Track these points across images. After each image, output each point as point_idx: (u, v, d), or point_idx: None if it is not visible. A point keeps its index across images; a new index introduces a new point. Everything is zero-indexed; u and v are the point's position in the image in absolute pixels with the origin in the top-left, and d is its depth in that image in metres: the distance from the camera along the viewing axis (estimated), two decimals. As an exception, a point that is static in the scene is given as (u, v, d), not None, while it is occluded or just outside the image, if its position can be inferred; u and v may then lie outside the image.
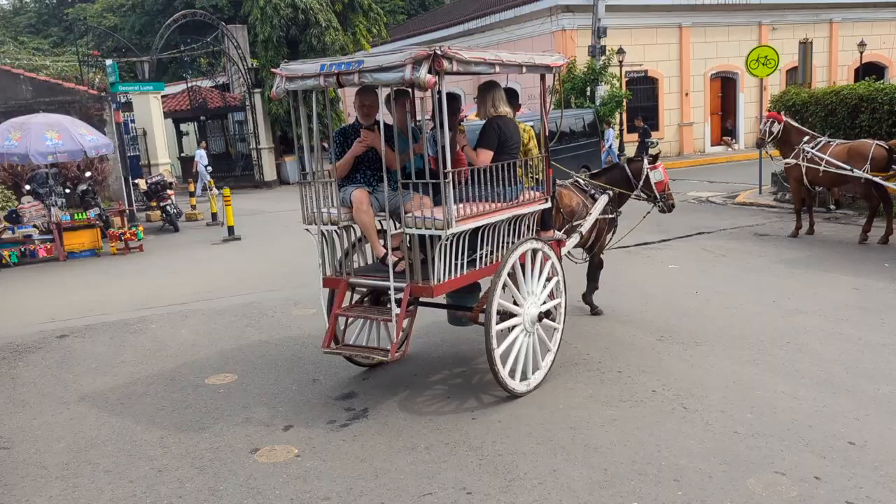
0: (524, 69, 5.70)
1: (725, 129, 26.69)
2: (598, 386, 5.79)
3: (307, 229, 5.90)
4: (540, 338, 5.90)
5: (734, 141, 26.36)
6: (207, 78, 29.02)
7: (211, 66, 30.88)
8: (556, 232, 6.56)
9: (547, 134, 6.27)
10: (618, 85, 21.68)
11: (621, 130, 22.32)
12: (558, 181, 7.01)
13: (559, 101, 18.91)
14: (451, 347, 6.94)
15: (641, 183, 7.55)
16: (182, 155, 27.12)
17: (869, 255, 9.46)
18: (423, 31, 29.84)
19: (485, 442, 4.93)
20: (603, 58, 21.52)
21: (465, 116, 6.24)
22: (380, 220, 5.87)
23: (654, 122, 24.71)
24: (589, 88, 21.53)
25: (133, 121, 20.70)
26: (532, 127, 6.64)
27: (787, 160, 10.99)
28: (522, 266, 5.67)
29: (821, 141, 10.81)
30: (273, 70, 5.62)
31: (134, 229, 13.76)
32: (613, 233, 7.65)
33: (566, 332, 6.43)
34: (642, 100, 24.30)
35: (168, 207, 15.86)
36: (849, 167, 10.03)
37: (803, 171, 10.64)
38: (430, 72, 4.67)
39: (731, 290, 8.28)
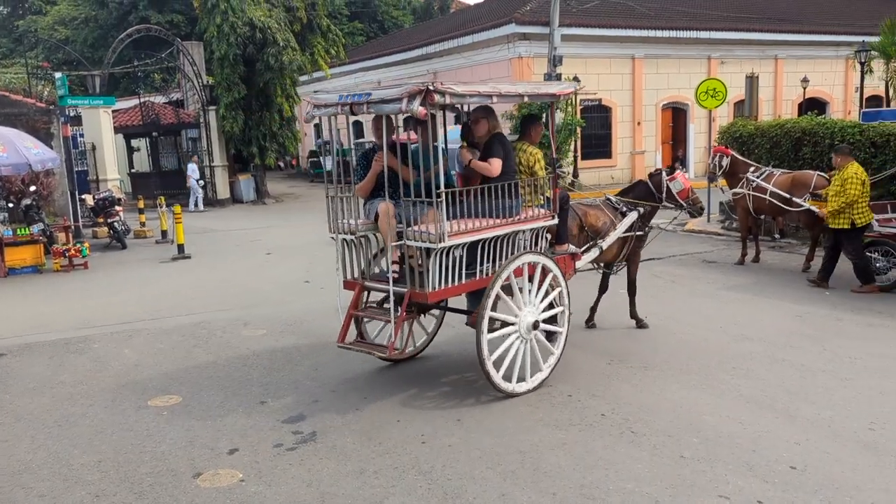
0: (526, 98, 6.27)
1: (676, 157, 27.33)
2: (549, 409, 5.80)
3: (332, 237, 6.47)
4: (541, 342, 6.27)
5: (684, 170, 26.97)
6: (161, 94, 28.58)
7: (165, 82, 30.45)
8: (570, 246, 6.90)
9: (554, 156, 6.69)
10: (572, 113, 22.04)
11: (575, 157, 22.64)
12: (585, 201, 7.79)
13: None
14: (401, 370, 6.89)
15: (665, 195, 7.91)
16: (133, 171, 26.58)
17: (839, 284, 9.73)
18: (382, 53, 29.98)
19: (434, 466, 4.88)
20: (558, 86, 21.86)
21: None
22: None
23: (607, 149, 25.18)
24: (544, 115, 21.84)
25: (82, 135, 20.22)
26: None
27: (736, 190, 11.33)
28: (530, 277, 6.09)
29: (765, 171, 11.19)
30: (308, 100, 6.23)
31: (79, 246, 13.37)
32: (641, 248, 8.04)
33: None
34: (596, 128, 24.74)
35: (116, 224, 15.46)
36: (790, 196, 10.37)
37: (749, 200, 10.96)
38: (422, 104, 5.22)
39: (679, 315, 8.42)
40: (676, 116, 26.96)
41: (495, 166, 5.98)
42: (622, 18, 24.25)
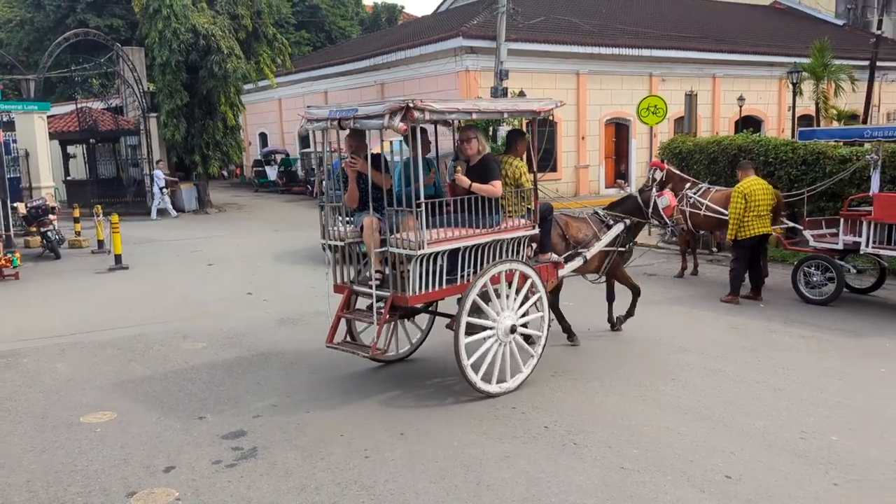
0: (505, 115, 6.57)
1: (619, 172, 27.89)
2: (493, 422, 5.82)
3: (322, 244, 6.70)
4: (520, 345, 6.54)
5: (626, 184, 27.56)
6: (99, 100, 27.77)
7: (104, 88, 29.63)
8: (552, 255, 7.20)
9: (536, 170, 6.90)
10: (518, 126, 22.27)
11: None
12: (570, 213, 8.22)
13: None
14: (344, 383, 6.82)
15: (651, 210, 8.13)
16: (69, 178, 25.74)
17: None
18: (330, 63, 29.83)
19: (377, 481, 4.84)
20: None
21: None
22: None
23: (552, 163, 25.52)
24: (491, 129, 22.02)
25: (15, 141, 19.49)
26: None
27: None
28: (508, 283, 6.36)
29: (702, 187, 11.52)
30: (304, 115, 6.43)
31: (10, 255, 12.84)
32: (626, 261, 8.37)
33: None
34: (542, 142, 25.04)
35: (49, 233, 14.91)
36: (725, 211, 10.68)
37: (687, 215, 11.25)
38: (402, 120, 5.51)
39: (622, 327, 8.55)
40: (619, 132, 27.55)
41: (498, 188, 6.33)
42: (567, 35, 24.70)
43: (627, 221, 8.04)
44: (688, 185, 11.57)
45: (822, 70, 25.04)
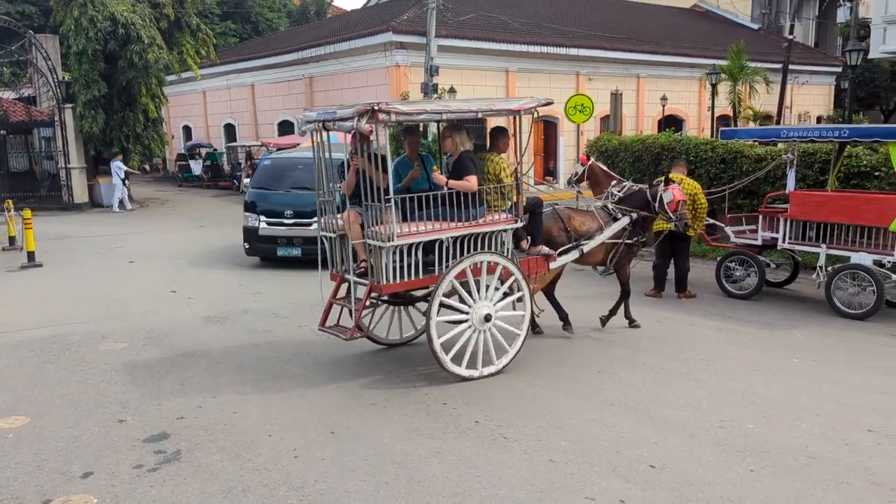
0: (479, 114, 6.62)
1: (548, 169, 28.33)
2: (424, 418, 5.82)
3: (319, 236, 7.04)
4: (504, 332, 6.79)
5: (555, 180, 28.04)
6: (10, 89, 26.40)
7: (15, 77, 28.17)
8: (543, 248, 7.40)
9: (517, 166, 7.03)
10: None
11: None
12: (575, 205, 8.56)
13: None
14: (274, 382, 6.70)
15: (657, 204, 8.24)
16: (-25, 171, 24.38)
17: (669, 289, 10.33)
18: (256, 56, 29.19)
19: (306, 481, 4.77)
20: (435, 96, 22.14)
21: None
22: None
23: (482, 159, 25.69)
24: (422, 125, 22.02)
25: (-84, 131, 18.36)
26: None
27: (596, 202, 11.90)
28: (485, 274, 6.60)
29: (625, 185, 11.77)
30: (299, 117, 6.68)
31: (-90, 253, 12.09)
32: (634, 255, 8.51)
33: (393, 362, 6.60)
34: (474, 139, 25.18)
35: (-45, 229, 14.12)
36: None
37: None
38: (368, 122, 5.81)
39: (551, 321, 8.68)
40: (548, 129, 27.96)
41: (472, 183, 6.55)
42: (497, 32, 24.89)
43: (634, 215, 8.19)
44: (613, 182, 11.82)
45: (739, 72, 26.11)
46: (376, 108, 5.78)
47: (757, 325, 8.68)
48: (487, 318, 6.65)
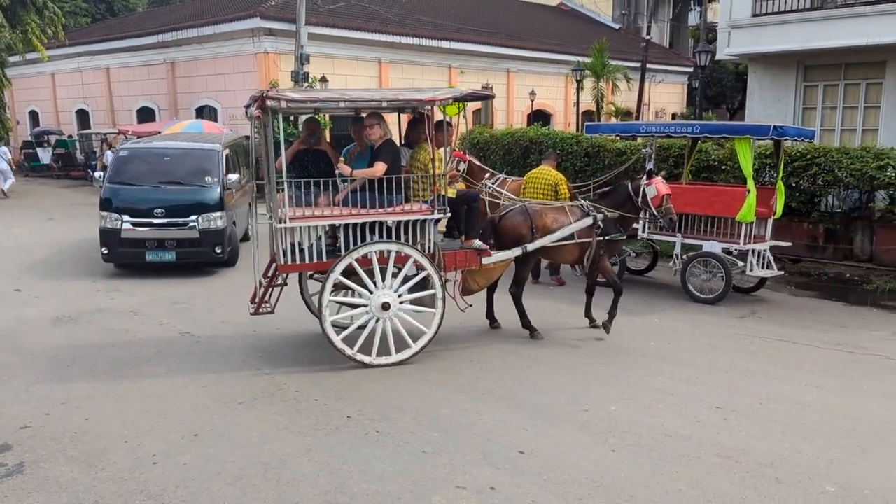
0: (384, 104, 6.77)
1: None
2: (294, 416, 5.67)
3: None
4: (408, 321, 6.87)
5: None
6: None
7: None
8: (476, 242, 7.33)
9: (443, 159, 7.10)
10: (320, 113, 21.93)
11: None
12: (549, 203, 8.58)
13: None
14: (132, 384, 6.30)
15: (640, 200, 7.93)
16: None
17: (542, 278, 10.63)
18: (111, 37, 27.36)
19: (166, 488, 4.52)
20: (306, 85, 21.63)
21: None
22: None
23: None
24: (293, 115, 21.47)
25: None
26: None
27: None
28: (388, 262, 6.69)
29: (499, 178, 12.03)
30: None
31: None
32: (613, 253, 8.41)
33: (263, 360, 6.39)
34: (345, 129, 24.85)
35: None
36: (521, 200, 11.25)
37: (486, 204, 11.69)
38: (258, 108, 6.15)
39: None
40: (420, 121, 28.07)
41: (377, 170, 6.64)
42: (369, 22, 24.65)
43: (599, 215, 7.75)
44: (486, 175, 12.02)
45: (602, 69, 27.29)
46: (265, 94, 5.99)
47: (619, 311, 9.07)
48: (386, 307, 6.67)
